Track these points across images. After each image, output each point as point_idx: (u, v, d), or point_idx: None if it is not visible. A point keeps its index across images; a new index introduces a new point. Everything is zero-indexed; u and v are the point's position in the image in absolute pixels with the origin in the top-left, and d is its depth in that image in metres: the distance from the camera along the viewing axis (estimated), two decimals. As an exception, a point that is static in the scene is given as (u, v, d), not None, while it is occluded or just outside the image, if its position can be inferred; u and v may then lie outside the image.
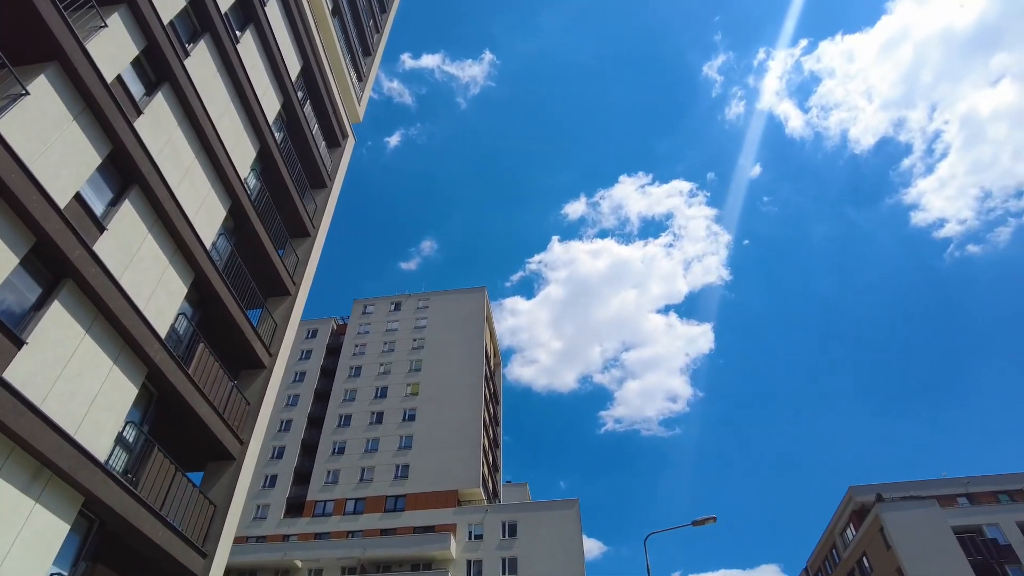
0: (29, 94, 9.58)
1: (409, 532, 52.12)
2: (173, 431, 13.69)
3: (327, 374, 66.35)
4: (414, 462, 56.66)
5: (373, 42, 28.27)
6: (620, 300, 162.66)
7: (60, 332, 9.98)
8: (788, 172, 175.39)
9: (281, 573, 50.76)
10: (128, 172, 11.90)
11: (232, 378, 15.55)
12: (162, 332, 12.52)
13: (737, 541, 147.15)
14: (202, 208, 14.40)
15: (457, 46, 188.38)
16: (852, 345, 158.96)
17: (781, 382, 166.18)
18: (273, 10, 18.61)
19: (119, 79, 11.99)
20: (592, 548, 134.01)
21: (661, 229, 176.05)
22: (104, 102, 10.88)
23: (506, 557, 49.39)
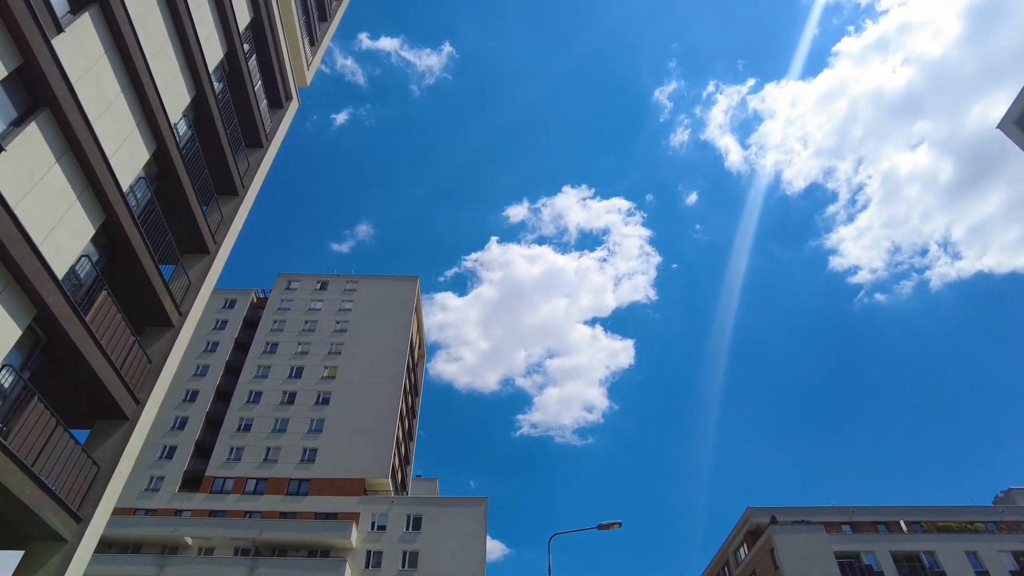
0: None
1: (310, 517, 50.47)
2: (60, 382, 12.61)
3: (241, 348, 63.56)
4: (323, 446, 55.03)
5: (331, 8, 27.29)
6: (550, 307, 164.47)
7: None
8: (723, 203, 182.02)
9: (169, 549, 47.94)
10: (39, 92, 10.79)
11: (135, 333, 14.49)
12: (59, 272, 11.45)
13: (638, 553, 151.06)
14: (123, 147, 13.33)
15: (418, 33, 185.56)
16: (761, 374, 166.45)
17: (693, 402, 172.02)
18: (227, -48, 17.55)
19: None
20: (495, 549, 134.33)
21: (597, 243, 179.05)
22: (16, 6, 9.77)
23: (407, 550, 48.60)
